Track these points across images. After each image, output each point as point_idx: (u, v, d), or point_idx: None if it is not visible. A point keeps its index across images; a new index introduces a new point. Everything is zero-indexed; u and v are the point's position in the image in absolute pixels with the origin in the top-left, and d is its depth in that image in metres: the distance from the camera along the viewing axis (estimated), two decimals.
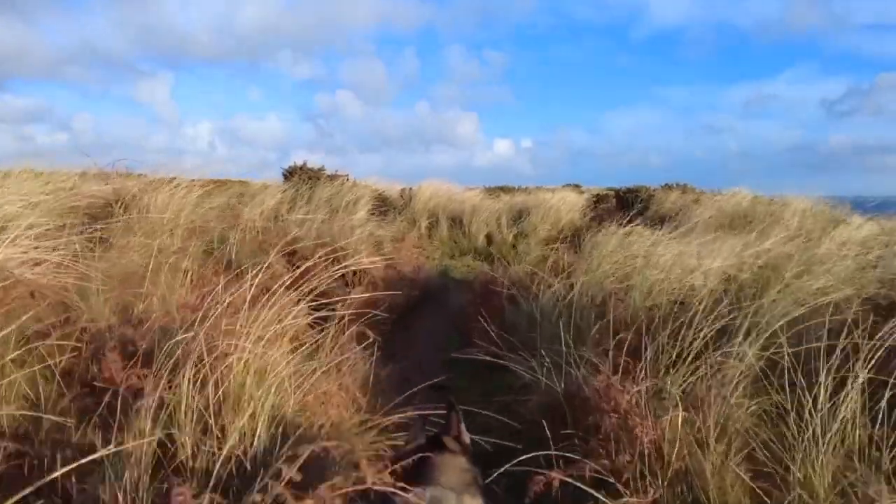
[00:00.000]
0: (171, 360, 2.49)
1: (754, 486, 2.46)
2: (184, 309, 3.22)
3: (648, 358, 3.08)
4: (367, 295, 5.03)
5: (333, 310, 3.63)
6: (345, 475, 1.79)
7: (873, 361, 2.63)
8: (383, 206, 14.09)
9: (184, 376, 2.36)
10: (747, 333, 3.19)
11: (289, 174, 15.41)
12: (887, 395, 2.55)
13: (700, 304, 3.47)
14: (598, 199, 15.69)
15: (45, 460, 2.09)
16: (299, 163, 15.52)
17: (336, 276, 3.95)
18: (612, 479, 2.55)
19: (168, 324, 2.99)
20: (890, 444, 2.44)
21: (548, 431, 2.80)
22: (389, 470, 1.92)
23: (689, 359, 3.12)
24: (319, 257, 3.44)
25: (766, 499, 2.42)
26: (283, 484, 1.69)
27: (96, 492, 1.96)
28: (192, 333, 2.54)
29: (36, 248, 3.54)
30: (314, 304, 3.31)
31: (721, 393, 2.77)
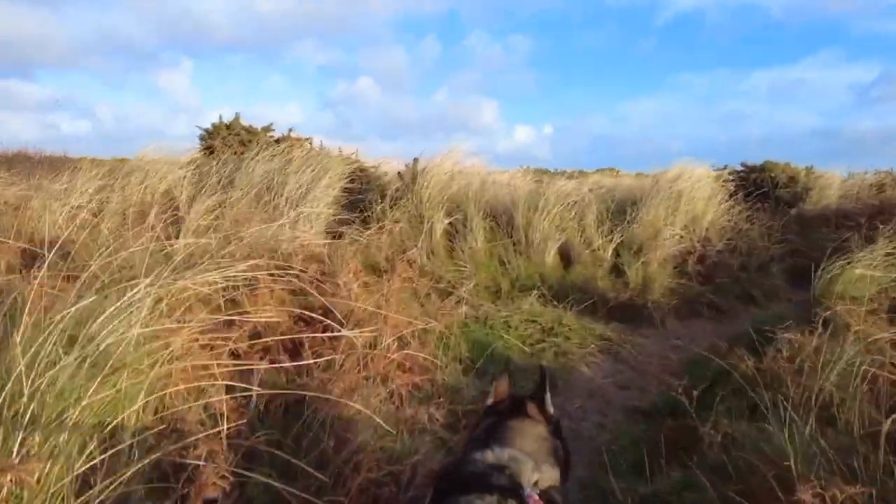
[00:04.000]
0: None
1: None
2: None
3: None
4: None
5: None
6: None
7: None
8: (365, 189, 7.85)
9: None
10: None
11: (208, 137, 9.23)
12: None
13: None
14: (738, 184, 9.37)
15: None
16: (227, 119, 9.32)
17: None
18: None
19: None
20: None
21: None
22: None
23: None
24: None
25: None
26: None
27: None
28: None
29: None
30: None
31: None
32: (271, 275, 4.38)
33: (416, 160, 7.69)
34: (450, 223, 6.98)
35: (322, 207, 7.20)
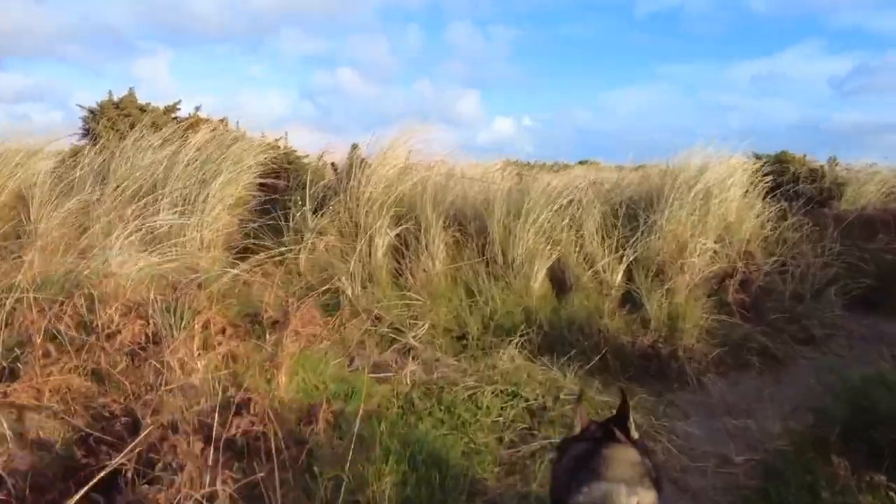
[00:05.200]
0: None
1: None
2: None
3: None
4: None
5: None
6: None
7: None
8: (294, 188, 5.83)
9: None
10: None
11: (92, 119, 7.12)
12: None
13: None
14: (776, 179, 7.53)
15: None
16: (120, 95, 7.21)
17: None
18: None
19: None
20: None
21: None
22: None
23: None
24: None
25: None
26: None
27: None
28: None
29: None
30: None
31: None
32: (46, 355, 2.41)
33: (355, 147, 5.70)
34: (398, 235, 5.02)
35: (218, 213, 5.20)
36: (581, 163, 20.20)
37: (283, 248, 4.77)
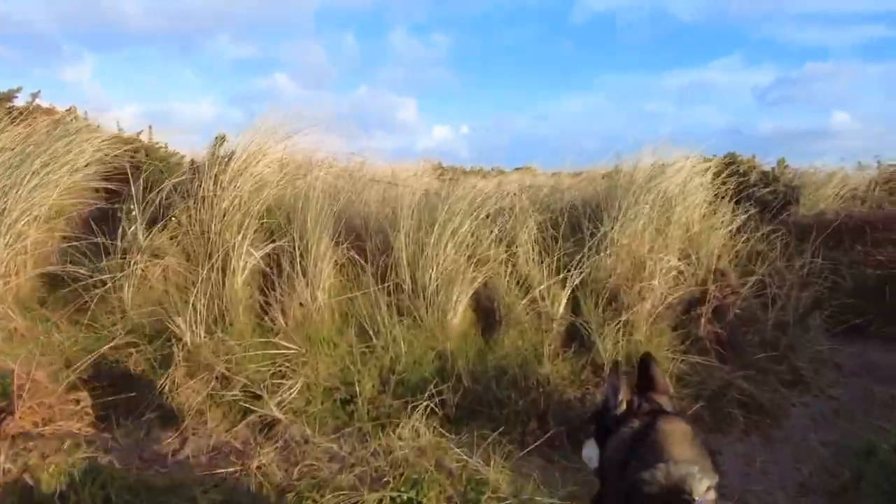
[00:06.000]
0: None
1: None
2: None
3: None
4: None
5: None
6: None
7: None
8: (124, 190, 4.42)
9: None
10: None
11: None
12: None
13: None
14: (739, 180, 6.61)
15: None
16: None
17: None
18: None
19: None
20: None
21: None
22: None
23: None
24: None
25: None
26: None
27: None
28: None
29: None
30: None
31: None
32: None
33: (219, 139, 4.35)
34: (268, 256, 3.72)
35: (23, 227, 3.78)
36: (517, 169, 19.38)
37: (99, 277, 3.40)
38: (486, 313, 3.91)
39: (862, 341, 4.89)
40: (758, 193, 8.23)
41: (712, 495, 1.53)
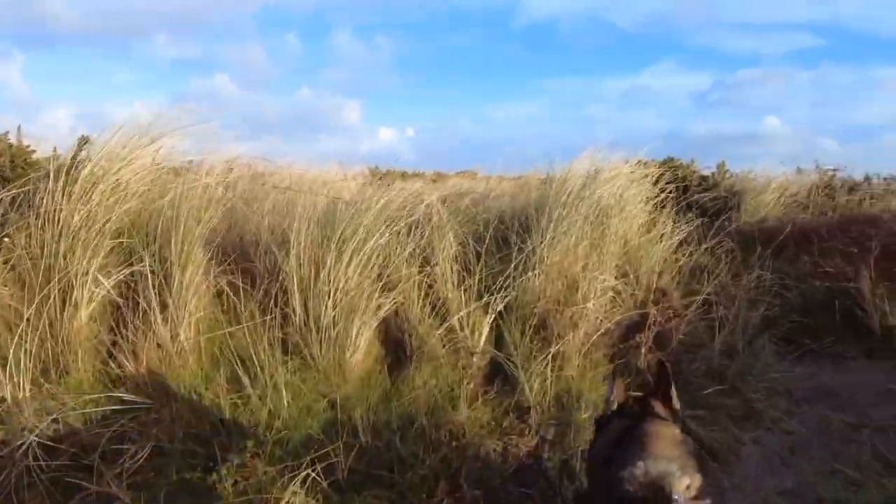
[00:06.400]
0: None
1: None
2: None
3: None
4: None
5: None
6: None
7: None
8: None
9: None
10: None
11: None
12: None
13: None
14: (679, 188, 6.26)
15: None
16: None
17: None
18: None
19: None
20: None
21: None
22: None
23: None
24: None
25: None
26: None
27: None
28: None
29: None
30: None
31: None
32: None
33: (81, 141, 3.63)
34: (124, 284, 3.04)
35: None
36: (459, 173, 18.97)
37: None
38: (395, 345, 3.33)
39: (812, 361, 4.52)
40: (700, 200, 7.93)
41: (692, 494, 1.52)
